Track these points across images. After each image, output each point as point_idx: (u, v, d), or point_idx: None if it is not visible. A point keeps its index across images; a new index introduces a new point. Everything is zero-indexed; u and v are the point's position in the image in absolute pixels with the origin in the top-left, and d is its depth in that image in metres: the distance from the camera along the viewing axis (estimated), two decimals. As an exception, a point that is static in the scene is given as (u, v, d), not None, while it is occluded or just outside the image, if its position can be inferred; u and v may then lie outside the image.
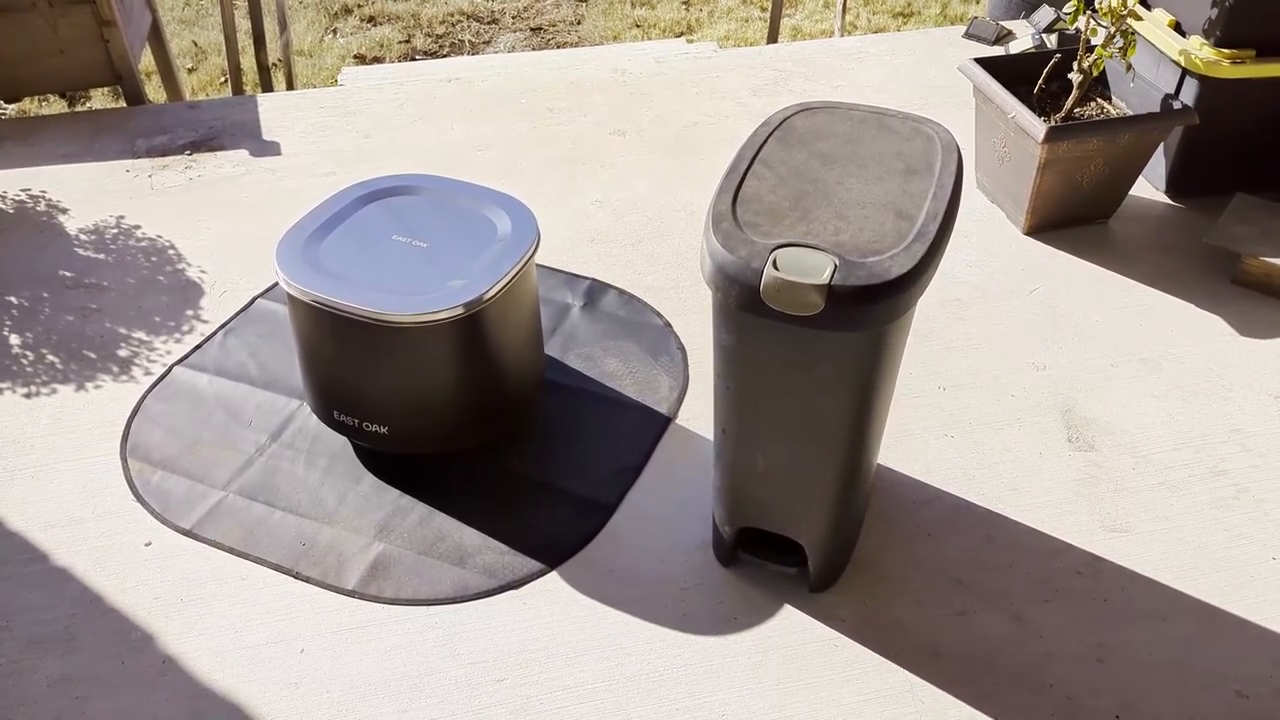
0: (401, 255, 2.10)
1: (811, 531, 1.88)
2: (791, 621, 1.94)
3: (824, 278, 1.53)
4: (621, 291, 2.70)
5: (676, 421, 2.34)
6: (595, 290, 2.71)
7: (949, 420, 2.34)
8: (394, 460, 2.22)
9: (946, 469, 2.22)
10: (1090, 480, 2.20)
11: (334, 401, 2.15)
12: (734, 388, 1.74)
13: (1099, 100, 2.93)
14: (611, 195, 3.07)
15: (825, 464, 1.77)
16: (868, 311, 1.54)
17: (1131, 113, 2.86)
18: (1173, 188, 3.05)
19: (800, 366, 1.65)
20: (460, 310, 2.00)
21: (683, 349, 2.53)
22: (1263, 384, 2.43)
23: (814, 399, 1.69)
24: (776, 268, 1.55)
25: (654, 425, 2.33)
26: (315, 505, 2.13)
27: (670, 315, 2.63)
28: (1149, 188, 3.06)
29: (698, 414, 2.35)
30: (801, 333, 1.58)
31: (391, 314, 1.97)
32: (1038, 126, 2.67)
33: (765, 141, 1.80)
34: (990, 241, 2.88)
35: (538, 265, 2.77)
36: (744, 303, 1.57)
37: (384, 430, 2.13)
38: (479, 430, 2.21)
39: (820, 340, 1.60)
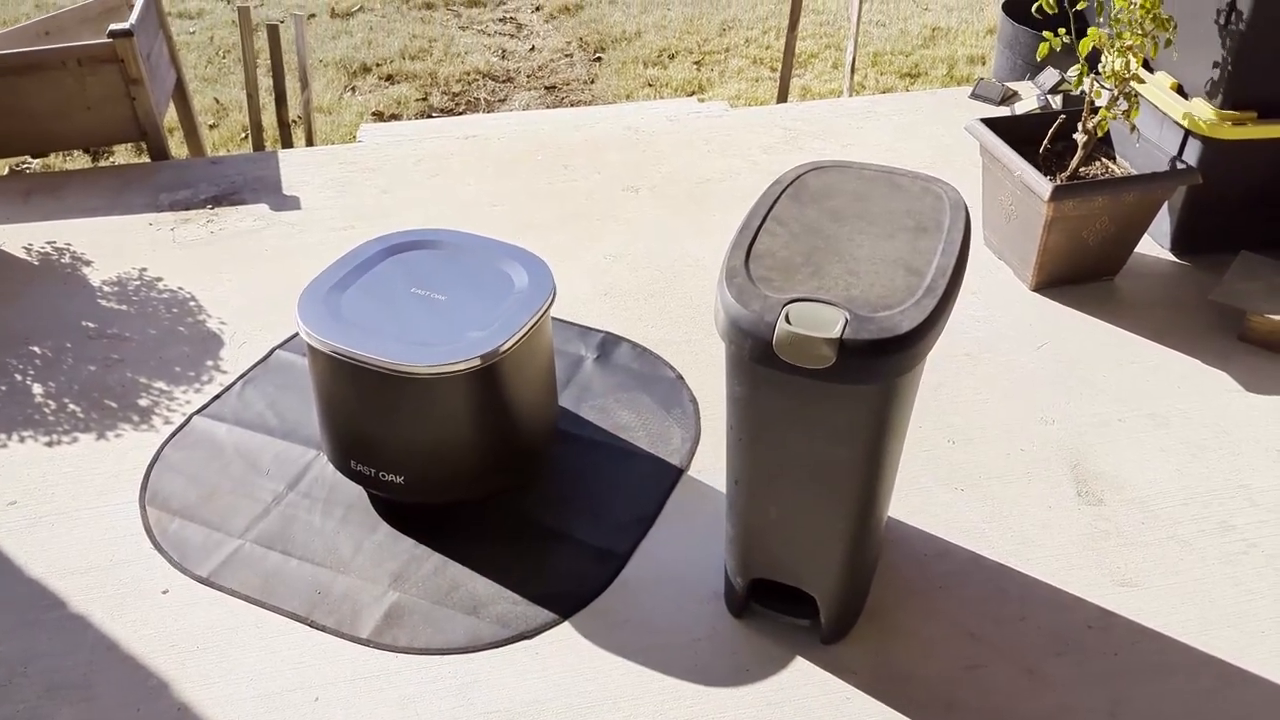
0: (420, 308, 2.14)
1: (823, 583, 1.90)
2: (804, 674, 1.94)
3: (835, 331, 1.56)
4: (634, 344, 2.74)
5: (689, 473, 2.36)
6: (608, 343, 2.75)
7: (959, 473, 2.36)
8: (409, 510, 2.25)
9: (957, 522, 2.24)
10: (1099, 534, 2.21)
11: (351, 451, 2.18)
12: (746, 438, 1.77)
13: (1104, 160, 2.98)
14: (625, 250, 3.13)
15: (837, 515, 1.79)
16: (878, 364, 1.57)
17: (1136, 172, 2.91)
18: (1178, 245, 3.09)
19: (812, 418, 1.68)
20: (477, 362, 2.04)
21: (695, 401, 2.56)
22: (1270, 440, 2.45)
23: (825, 450, 1.71)
24: (789, 321, 1.59)
25: (667, 476, 2.35)
26: (331, 554, 2.16)
27: (682, 368, 2.66)
28: (1155, 245, 3.11)
29: (710, 466, 2.38)
30: (813, 385, 1.61)
31: (409, 365, 2.01)
32: (1044, 185, 2.72)
33: (778, 199, 1.85)
34: (998, 297, 2.91)
35: (552, 318, 2.82)
36: (757, 355, 1.61)
37: (400, 480, 2.16)
38: (493, 480, 2.23)
39: (832, 393, 1.63)
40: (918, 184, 1.89)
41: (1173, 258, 3.09)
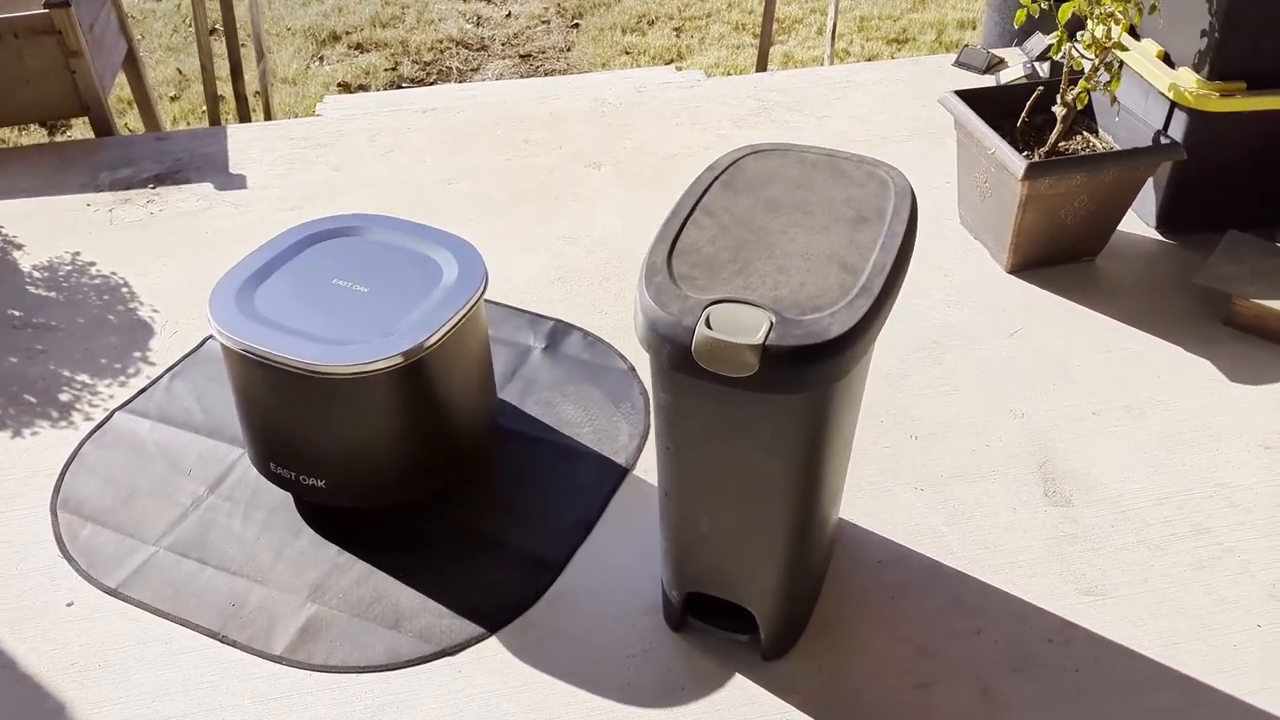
0: (341, 301, 2.01)
1: (761, 598, 1.78)
2: (742, 693, 1.82)
3: (758, 337, 1.42)
4: (586, 333, 2.61)
5: (634, 473, 2.24)
6: (559, 332, 2.61)
7: (920, 472, 2.23)
8: (334, 514, 2.13)
9: (915, 525, 2.11)
10: (1066, 538, 2.08)
11: (271, 453, 2.06)
12: (673, 448, 1.64)
13: (1085, 134, 2.82)
14: (583, 231, 2.98)
15: (772, 528, 1.67)
16: (805, 373, 1.44)
17: (1119, 146, 2.75)
18: (1163, 224, 2.93)
19: (740, 428, 1.55)
20: (399, 360, 1.90)
21: (645, 394, 2.42)
22: (1252, 433, 2.31)
23: (756, 462, 1.58)
24: (709, 326, 1.45)
25: (610, 477, 2.22)
26: (249, 562, 2.04)
27: (635, 359, 2.53)
28: (1139, 223, 2.95)
29: (655, 464, 2.25)
30: (738, 395, 1.48)
31: (326, 365, 1.88)
32: (1017, 163, 2.56)
33: (709, 187, 1.70)
34: (971, 280, 2.77)
35: (499, 305, 2.68)
36: (676, 362, 1.47)
37: (321, 484, 2.04)
38: (423, 483, 2.11)
39: (758, 402, 1.50)
40: (863, 169, 1.74)
41: (1158, 236, 2.93)
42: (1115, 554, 2.05)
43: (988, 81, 3.70)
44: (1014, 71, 3.70)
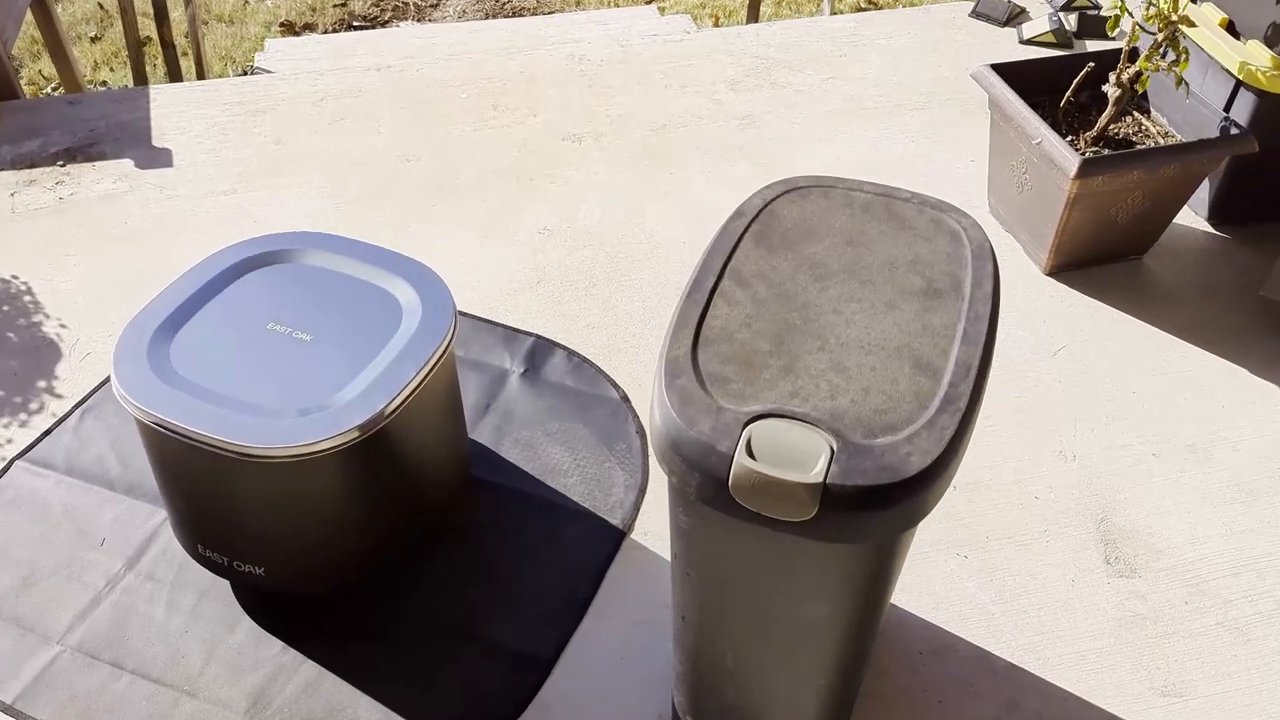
0: (278, 353, 1.64)
1: (795, 734, 1.48)
2: (769, 833, 1.54)
3: (816, 471, 1.09)
4: (571, 353, 2.25)
5: (632, 536, 1.92)
6: (539, 352, 2.26)
7: (963, 533, 1.93)
8: (278, 597, 1.80)
9: (960, 603, 1.81)
10: (1134, 620, 1.80)
11: (197, 535, 1.71)
12: (695, 576, 1.31)
13: (1136, 115, 2.47)
14: (563, 220, 2.61)
15: (812, 673, 1.36)
16: (875, 519, 1.11)
17: (1174, 131, 2.41)
18: (1216, 215, 2.61)
19: (783, 570, 1.23)
20: (355, 435, 1.55)
21: (642, 433, 2.09)
22: (1334, 479, 2.03)
23: (799, 605, 1.26)
24: (751, 454, 1.11)
25: (605, 542, 1.90)
26: (175, 665, 1.71)
27: (629, 385, 2.19)
28: (1187, 213, 2.62)
29: (658, 527, 1.93)
30: (785, 537, 1.15)
31: (261, 447, 1.52)
32: (1069, 158, 2.21)
33: (739, 242, 1.35)
34: (1006, 285, 2.43)
35: (469, 316, 2.32)
36: (707, 495, 1.14)
37: (260, 571, 1.70)
38: (382, 562, 1.78)
39: (811, 547, 1.18)
40: (926, 216, 1.39)
41: (1208, 228, 2.61)
42: (1191, 640, 1.77)
43: (1009, 35, 3.32)
44: (1038, 25, 3.32)
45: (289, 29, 4.37)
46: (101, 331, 2.28)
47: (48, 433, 2.06)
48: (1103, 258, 2.47)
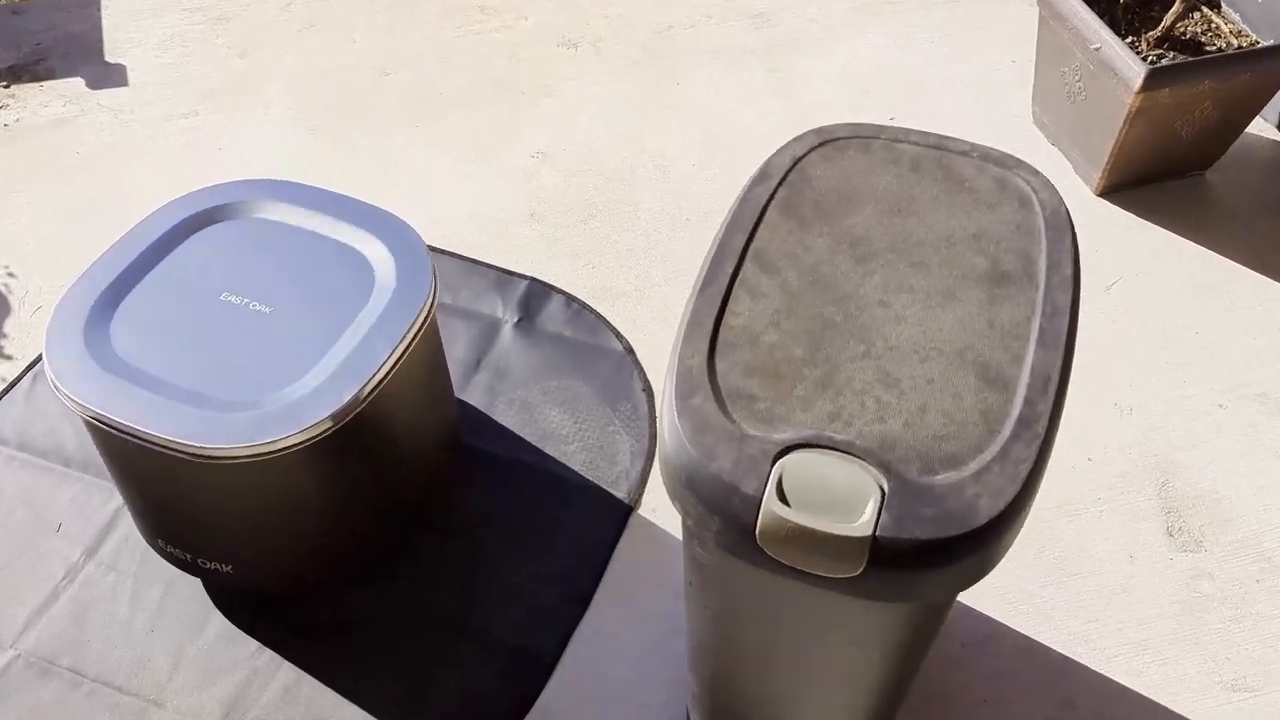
0: (234, 329, 1.43)
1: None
2: None
3: (864, 520, 0.89)
4: (569, 298, 2.04)
5: (639, 512, 1.73)
6: (534, 296, 2.04)
7: (1005, 500, 1.74)
8: (250, 593, 1.63)
9: (1006, 586, 1.63)
10: (1200, 602, 1.62)
11: (159, 530, 1.54)
12: (713, 609, 1.13)
13: (1204, 10, 2.18)
14: (558, 142, 2.35)
15: (847, 707, 1.18)
16: (935, 577, 0.91)
17: (1248, 29, 2.13)
18: (1289, 121, 2.34)
19: (818, 621, 1.04)
20: (326, 426, 1.36)
21: (649, 389, 1.89)
22: None
23: (835, 651, 1.08)
24: (783, 496, 0.91)
25: (609, 520, 1.72)
26: (140, 670, 1.55)
27: (632, 334, 1.97)
28: (1258, 121, 2.34)
29: (668, 501, 1.74)
30: (824, 593, 0.96)
31: (218, 448, 1.32)
32: (1133, 67, 1.94)
33: (763, 213, 1.12)
34: (1053, 208, 2.19)
35: (456, 257, 2.10)
36: (729, 544, 0.94)
37: (228, 569, 1.53)
38: (360, 554, 1.61)
39: (854, 603, 0.98)
40: (988, 173, 1.15)
41: (1278, 137, 2.34)
42: (1265, 624, 1.60)
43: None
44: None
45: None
46: (53, 282, 2.06)
47: (-5, 401, 1.87)
48: (1161, 174, 2.22)
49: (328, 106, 2.42)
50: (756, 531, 0.91)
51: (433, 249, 2.05)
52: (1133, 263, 2.09)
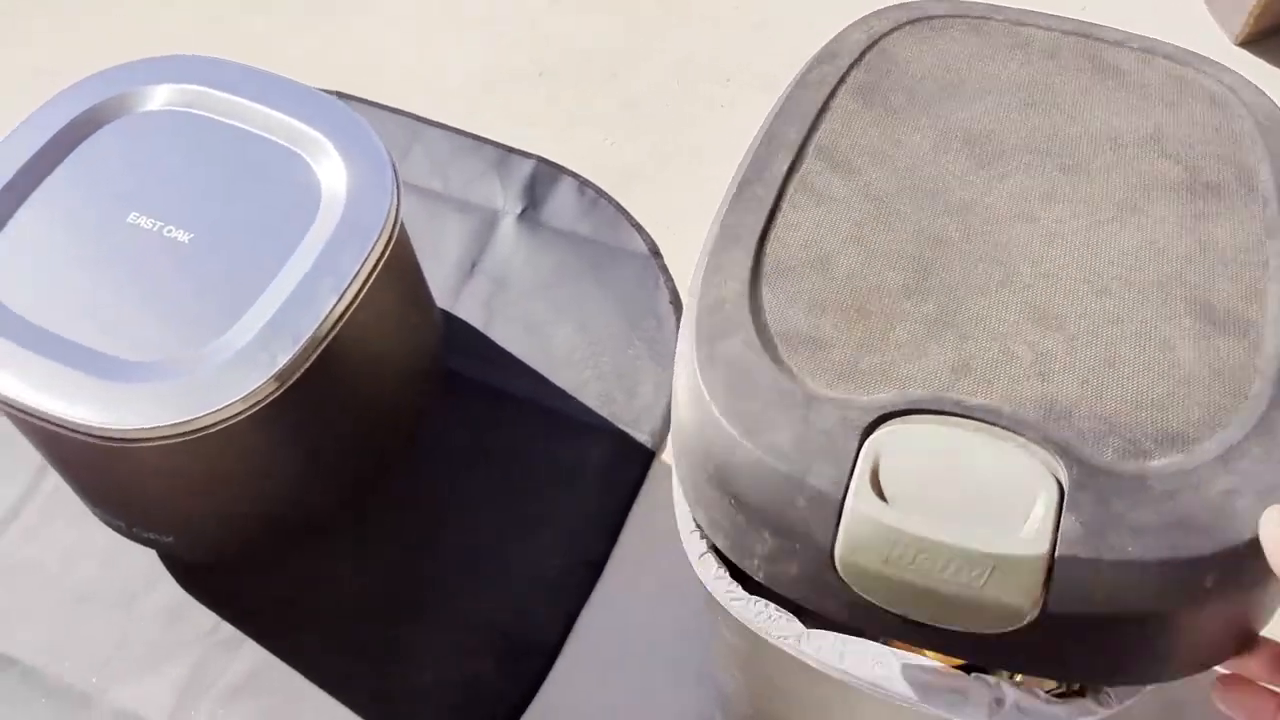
0: (145, 263, 1.12)
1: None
2: None
3: (1032, 530, 0.56)
4: (584, 183, 1.68)
5: (662, 458, 1.44)
6: (542, 181, 1.69)
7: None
8: (202, 563, 1.37)
9: None
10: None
11: (85, 498, 1.27)
12: (748, 676, 0.84)
13: None
14: (571, -18, 1.95)
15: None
16: (1163, 631, 0.60)
17: None
18: None
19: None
20: (270, 389, 1.05)
21: (676, 301, 1.56)
22: None
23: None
24: (881, 491, 0.59)
25: (627, 470, 1.41)
26: (76, 647, 1.31)
27: (657, 230, 1.63)
28: None
29: (700, 439, 1.44)
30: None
31: (133, 430, 1.02)
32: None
33: (831, 98, 0.76)
34: (1179, 62, 1.77)
35: (445, 128, 1.74)
36: (788, 578, 0.63)
37: (169, 539, 1.27)
38: (321, 518, 1.33)
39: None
40: (1156, 67, 0.79)
41: None
42: None
43: None
44: None
45: None
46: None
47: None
48: (1317, 17, 1.79)
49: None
50: (837, 555, 0.60)
51: (415, 118, 1.71)
52: None
